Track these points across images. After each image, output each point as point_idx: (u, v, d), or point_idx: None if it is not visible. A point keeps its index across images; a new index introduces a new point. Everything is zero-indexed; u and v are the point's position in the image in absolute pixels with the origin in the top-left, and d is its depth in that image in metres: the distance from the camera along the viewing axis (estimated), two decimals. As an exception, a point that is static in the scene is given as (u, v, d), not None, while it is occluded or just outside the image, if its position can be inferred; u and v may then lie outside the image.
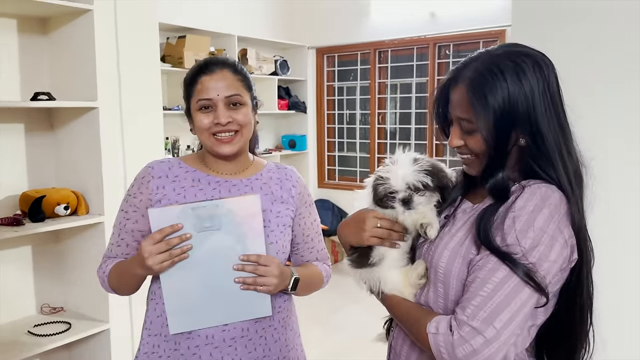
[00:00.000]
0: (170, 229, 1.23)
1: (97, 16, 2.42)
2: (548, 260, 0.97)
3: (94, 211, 2.55)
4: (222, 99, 1.33)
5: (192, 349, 1.34)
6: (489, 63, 1.03)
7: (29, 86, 2.54)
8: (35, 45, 2.59)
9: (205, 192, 1.38)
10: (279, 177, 1.47)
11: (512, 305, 0.94)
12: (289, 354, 1.44)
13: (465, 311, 0.95)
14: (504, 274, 0.95)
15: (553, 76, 1.05)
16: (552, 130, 1.02)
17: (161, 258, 1.23)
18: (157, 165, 1.41)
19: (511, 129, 1.02)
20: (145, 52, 2.70)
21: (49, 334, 2.43)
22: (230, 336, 1.35)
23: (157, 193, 1.37)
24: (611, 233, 1.66)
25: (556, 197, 1.00)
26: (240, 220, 1.26)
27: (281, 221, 1.41)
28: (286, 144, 5.80)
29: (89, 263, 2.58)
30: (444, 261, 1.06)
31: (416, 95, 5.36)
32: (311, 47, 5.77)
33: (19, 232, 2.26)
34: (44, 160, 2.64)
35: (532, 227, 0.96)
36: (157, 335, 1.38)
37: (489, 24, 4.63)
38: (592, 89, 1.72)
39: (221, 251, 1.28)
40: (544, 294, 0.96)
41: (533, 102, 1.01)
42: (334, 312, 4.32)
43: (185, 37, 4.41)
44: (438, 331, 0.97)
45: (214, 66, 1.35)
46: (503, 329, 0.93)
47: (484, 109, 1.01)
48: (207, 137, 1.36)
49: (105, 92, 2.49)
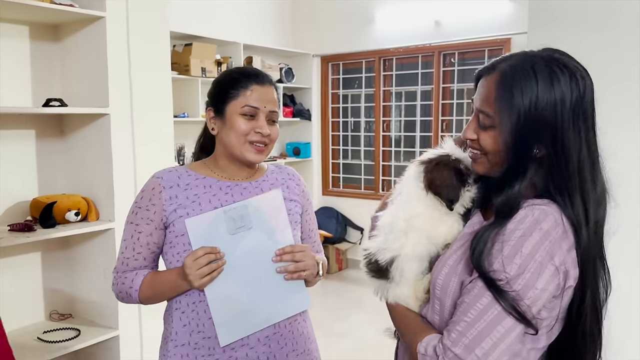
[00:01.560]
0: (210, 249, 1.29)
1: (109, 23, 2.44)
2: (534, 289, 0.92)
3: (104, 217, 2.55)
4: (267, 112, 1.40)
5: (228, 352, 1.35)
6: (525, 62, 0.98)
7: (41, 92, 2.55)
8: (47, 51, 2.60)
9: (218, 198, 1.40)
10: (282, 177, 1.53)
11: (494, 334, 0.92)
12: (311, 346, 1.50)
13: (450, 335, 0.95)
14: (487, 300, 0.93)
15: (589, 93, 0.98)
16: (576, 148, 0.96)
17: (202, 272, 1.28)
18: (166, 175, 1.41)
19: (532, 135, 0.96)
20: (156, 59, 2.71)
21: (58, 340, 2.42)
22: (264, 335, 1.38)
23: (172, 203, 1.37)
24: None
25: (550, 221, 0.95)
26: (268, 215, 1.35)
27: (293, 218, 1.46)
28: (291, 151, 5.81)
29: (98, 269, 2.58)
30: (442, 278, 1.04)
31: (421, 103, 5.38)
32: (316, 55, 5.79)
33: (31, 238, 2.26)
34: (54, 166, 2.65)
35: (519, 253, 0.93)
36: (185, 345, 1.37)
37: (494, 32, 4.65)
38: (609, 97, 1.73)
39: (256, 249, 1.34)
40: (527, 323, 0.93)
41: (562, 113, 0.95)
42: (338, 320, 4.31)
43: (192, 45, 4.43)
44: (426, 352, 0.97)
45: (264, 79, 1.42)
46: (485, 357, 0.91)
47: (508, 105, 0.96)
48: (242, 142, 1.39)
49: (116, 99, 2.50)
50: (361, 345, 3.83)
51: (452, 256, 1.05)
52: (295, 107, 5.73)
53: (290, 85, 5.55)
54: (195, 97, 4.51)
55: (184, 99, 4.51)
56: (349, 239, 5.72)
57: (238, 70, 1.47)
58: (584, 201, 0.97)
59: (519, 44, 4.47)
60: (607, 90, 1.71)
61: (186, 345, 1.37)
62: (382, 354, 1.27)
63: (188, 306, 1.37)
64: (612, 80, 1.73)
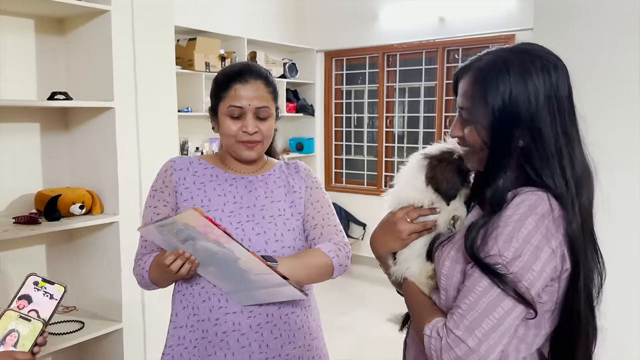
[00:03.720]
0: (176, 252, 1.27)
1: (114, 17, 2.44)
2: (532, 271, 0.95)
3: (108, 211, 2.56)
4: (252, 109, 1.39)
5: (220, 335, 1.38)
6: (498, 58, 1.03)
7: (46, 86, 2.56)
8: (52, 45, 2.60)
9: (222, 187, 1.45)
10: (289, 172, 1.55)
11: (494, 315, 0.94)
12: (313, 343, 1.49)
13: (452, 318, 0.98)
14: (486, 284, 0.96)
15: (564, 81, 1.02)
16: (553, 134, 1.00)
17: (184, 269, 1.28)
18: (179, 159, 1.50)
19: (509, 127, 1.00)
20: (161, 53, 2.71)
21: (62, 332, 2.43)
22: (256, 322, 1.39)
23: (180, 185, 1.44)
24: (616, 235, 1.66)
25: (545, 206, 0.98)
26: (202, 230, 1.21)
27: (296, 210, 1.49)
28: (294, 146, 5.81)
29: (102, 263, 2.59)
30: (446, 269, 1.07)
31: (424, 99, 5.37)
32: (320, 51, 5.79)
33: (35, 231, 2.27)
34: (59, 159, 2.65)
35: (515, 237, 0.95)
36: (183, 327, 1.42)
37: (498, 28, 4.64)
38: (609, 90, 1.73)
39: (216, 254, 1.26)
40: (527, 305, 0.95)
41: (536, 104, 0.99)
42: (340, 314, 4.32)
43: (196, 40, 4.43)
44: (431, 334, 1.00)
45: (249, 76, 1.40)
46: (485, 338, 0.94)
47: (482, 100, 1.01)
48: (233, 142, 1.43)
49: (121, 93, 2.50)
50: (363, 340, 3.84)
51: (454, 247, 1.07)
52: (299, 103, 5.73)
53: (294, 80, 5.55)
54: (198, 91, 4.51)
55: (187, 94, 4.51)
56: (352, 235, 5.73)
57: (226, 70, 1.47)
58: (566, 180, 1.00)
59: (523, 40, 4.44)
60: (611, 85, 1.72)
61: (184, 328, 1.42)
62: (385, 349, 1.27)
63: (187, 289, 1.42)
64: (616, 75, 1.73)
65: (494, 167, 1.02)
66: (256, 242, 1.40)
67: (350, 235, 5.72)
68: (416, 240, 1.17)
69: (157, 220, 1.25)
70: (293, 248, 1.44)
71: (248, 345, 1.38)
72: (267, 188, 1.49)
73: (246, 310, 1.38)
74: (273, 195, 1.48)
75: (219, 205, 1.42)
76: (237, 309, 1.38)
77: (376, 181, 5.74)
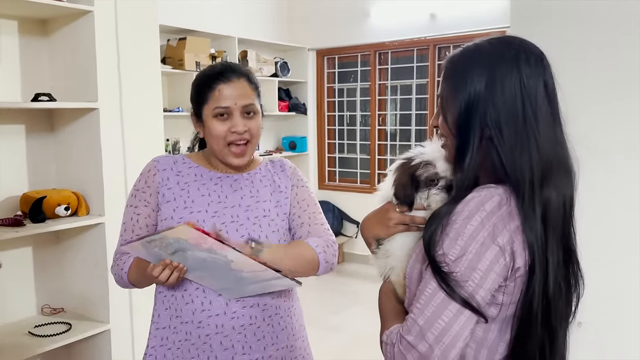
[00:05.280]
0: (163, 262, 1.26)
1: (97, 17, 2.43)
2: (477, 270, 0.90)
3: (94, 212, 2.55)
4: (239, 107, 1.37)
5: (203, 337, 1.37)
6: (473, 47, 1.02)
7: (30, 87, 2.55)
8: (35, 46, 2.59)
9: (207, 187, 1.43)
10: (274, 170, 1.53)
11: (442, 318, 0.90)
12: (296, 343, 1.48)
13: (406, 323, 0.94)
14: (434, 286, 0.92)
15: (538, 71, 0.98)
16: (518, 124, 0.95)
17: (173, 277, 1.27)
18: (163, 159, 1.47)
19: (473, 117, 0.97)
20: (145, 53, 2.71)
21: (50, 334, 2.43)
22: (239, 324, 1.38)
23: (163, 186, 1.42)
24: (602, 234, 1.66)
25: (494, 202, 0.93)
26: (195, 242, 1.20)
27: (281, 210, 1.47)
28: (286, 145, 5.80)
29: (89, 264, 2.59)
30: (409, 265, 1.05)
31: (416, 97, 5.37)
32: (311, 49, 5.78)
33: (20, 233, 2.26)
34: (44, 161, 2.65)
35: (462, 235, 0.92)
36: (166, 328, 1.41)
37: (489, 25, 4.63)
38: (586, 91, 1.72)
39: (206, 260, 1.25)
40: (471, 309, 0.90)
41: (502, 93, 0.95)
42: (333, 313, 4.32)
43: (186, 39, 4.42)
44: (387, 341, 0.98)
45: (232, 74, 1.38)
46: (435, 343, 0.89)
47: (452, 90, 1.00)
48: (222, 146, 1.39)
49: (105, 93, 2.49)
50: (357, 338, 3.84)
51: (419, 245, 1.05)
52: (291, 102, 5.72)
53: (286, 79, 5.54)
54: (189, 91, 4.49)
55: (178, 93, 4.50)
56: (345, 233, 5.72)
57: (205, 71, 1.44)
58: (531, 171, 0.95)
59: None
60: (589, 85, 1.71)
61: (167, 329, 1.41)
62: (378, 348, 1.28)
63: (169, 290, 1.41)
64: (594, 76, 1.72)
65: (459, 157, 0.99)
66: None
67: (344, 234, 5.72)
68: (403, 238, 1.15)
69: (144, 236, 1.24)
70: None
71: (231, 347, 1.37)
72: (253, 187, 1.47)
73: (229, 312, 1.37)
74: (259, 195, 1.46)
75: (202, 206, 1.41)
76: (219, 311, 1.37)
77: (369, 179, 5.74)
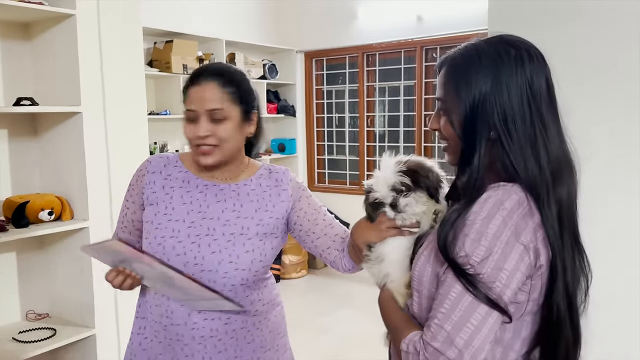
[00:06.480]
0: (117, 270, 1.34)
1: (79, 21, 2.42)
2: (504, 270, 0.90)
3: (78, 216, 2.54)
4: (204, 111, 1.32)
5: (168, 340, 1.39)
6: (473, 48, 1.01)
7: (12, 91, 2.53)
8: (18, 50, 2.58)
9: (191, 195, 1.40)
10: (268, 184, 1.45)
11: (471, 322, 0.89)
12: (264, 355, 1.44)
13: (429, 330, 0.92)
14: (459, 289, 0.91)
15: (540, 71, 0.99)
16: (526, 124, 0.96)
17: (126, 284, 1.35)
18: (155, 161, 1.46)
19: (480, 118, 0.97)
20: (129, 56, 2.70)
21: (34, 340, 2.41)
22: (199, 334, 1.36)
23: (149, 188, 1.42)
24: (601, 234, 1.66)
25: (513, 200, 0.94)
26: (132, 256, 1.27)
27: (262, 229, 1.39)
28: (276, 147, 5.80)
29: (74, 269, 2.57)
30: (417, 268, 1.04)
31: (404, 98, 5.38)
32: (300, 51, 5.78)
33: (3, 238, 2.25)
34: (28, 165, 2.63)
35: (484, 236, 0.91)
36: (144, 319, 1.45)
37: (476, 26, 4.64)
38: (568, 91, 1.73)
39: (150, 271, 1.31)
40: (499, 309, 0.90)
41: (508, 93, 0.96)
42: (322, 315, 4.32)
43: (173, 42, 4.41)
44: (408, 350, 0.95)
45: (201, 77, 1.34)
46: (465, 348, 0.88)
47: (455, 91, 0.99)
48: (193, 147, 1.38)
49: (88, 97, 2.48)
50: (346, 341, 3.82)
51: (427, 247, 1.04)
52: (280, 104, 5.72)
53: (274, 81, 5.54)
54: (176, 94, 4.48)
55: (165, 96, 4.49)
56: (335, 235, 5.72)
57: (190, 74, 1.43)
58: (541, 171, 0.96)
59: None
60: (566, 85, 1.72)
61: (145, 319, 1.44)
62: (368, 349, 1.25)
63: (146, 287, 1.45)
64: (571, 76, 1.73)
65: (466, 159, 0.98)
66: (209, 261, 1.34)
67: (334, 235, 5.71)
68: (394, 242, 1.16)
69: (93, 243, 1.30)
70: (249, 270, 1.36)
71: (191, 356, 1.36)
72: (237, 201, 1.41)
73: (190, 322, 1.35)
74: (241, 210, 1.40)
75: (181, 214, 1.38)
76: (180, 321, 1.35)
77: (358, 180, 5.75)
